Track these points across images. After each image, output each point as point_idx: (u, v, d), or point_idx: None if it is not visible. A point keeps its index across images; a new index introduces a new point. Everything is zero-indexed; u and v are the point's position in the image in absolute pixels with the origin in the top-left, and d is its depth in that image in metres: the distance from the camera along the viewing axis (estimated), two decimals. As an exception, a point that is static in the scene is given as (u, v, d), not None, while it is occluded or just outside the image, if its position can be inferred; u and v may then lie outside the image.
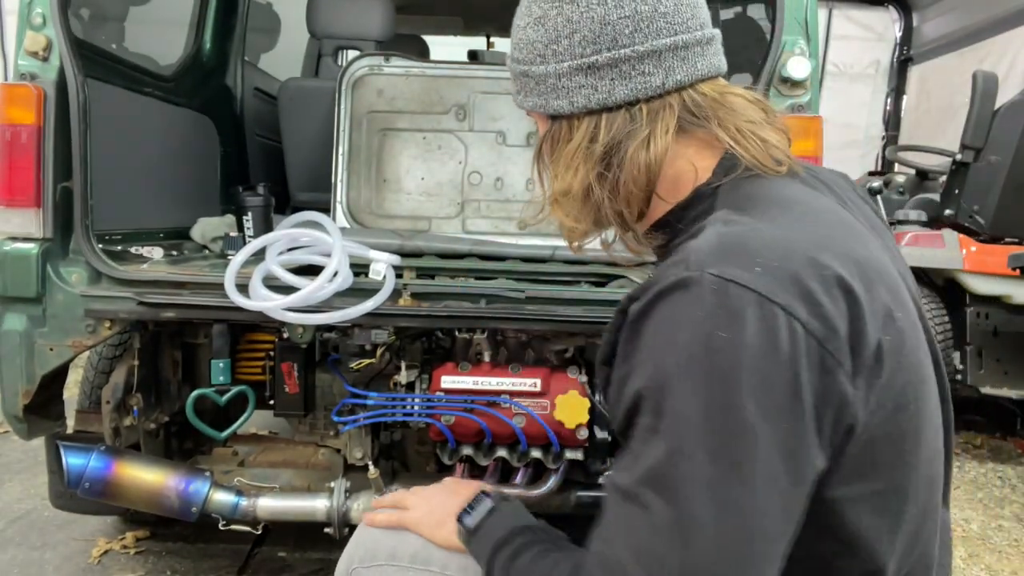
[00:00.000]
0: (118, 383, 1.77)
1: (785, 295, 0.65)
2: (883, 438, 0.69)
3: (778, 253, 0.67)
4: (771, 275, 0.65)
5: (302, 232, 1.59)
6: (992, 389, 3.42)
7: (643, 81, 0.80)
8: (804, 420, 0.64)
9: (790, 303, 0.64)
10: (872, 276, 0.71)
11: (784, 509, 0.65)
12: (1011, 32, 5.28)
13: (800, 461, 0.65)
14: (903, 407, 0.70)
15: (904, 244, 3.64)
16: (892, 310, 0.70)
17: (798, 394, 0.63)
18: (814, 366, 0.64)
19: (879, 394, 0.68)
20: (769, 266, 0.66)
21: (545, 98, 0.84)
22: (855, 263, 0.70)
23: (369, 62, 2.45)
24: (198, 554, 2.19)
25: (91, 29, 2.14)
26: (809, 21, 1.70)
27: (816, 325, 0.65)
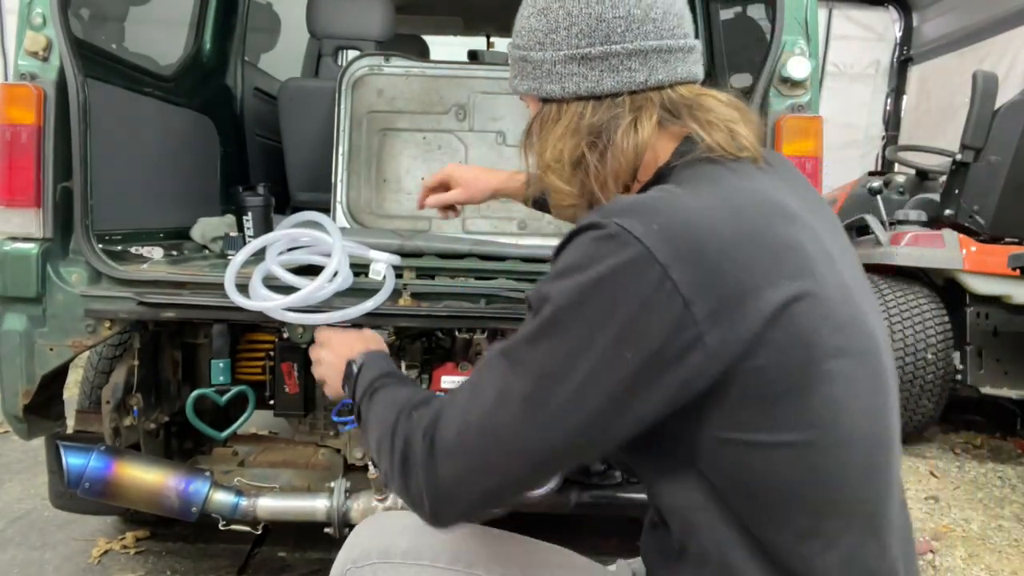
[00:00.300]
0: (118, 383, 1.77)
1: (669, 254, 0.73)
2: (781, 395, 0.76)
3: (680, 218, 0.77)
4: (664, 235, 0.75)
5: (302, 232, 1.59)
6: (992, 389, 3.42)
7: (629, 76, 0.89)
8: (638, 357, 0.74)
9: (670, 263, 0.73)
10: (778, 250, 0.78)
11: (588, 426, 0.77)
12: (1011, 32, 5.28)
13: (621, 390, 0.75)
14: (806, 368, 0.76)
15: (904, 244, 3.64)
16: (797, 294, 0.76)
17: (646, 344, 0.74)
18: (673, 323, 0.73)
19: (760, 356, 0.74)
20: (666, 227, 0.75)
21: (539, 82, 0.94)
22: (761, 235, 0.78)
23: (369, 62, 2.45)
24: (198, 554, 2.19)
25: (91, 29, 2.14)
26: (809, 21, 1.70)
27: (688, 288, 0.73)
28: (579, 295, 0.76)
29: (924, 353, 3.41)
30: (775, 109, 1.69)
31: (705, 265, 0.74)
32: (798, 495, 0.79)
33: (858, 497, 0.81)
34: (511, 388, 0.80)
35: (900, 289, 3.59)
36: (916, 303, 3.51)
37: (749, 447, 0.77)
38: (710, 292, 0.73)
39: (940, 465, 3.41)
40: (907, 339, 3.43)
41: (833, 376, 0.78)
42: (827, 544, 0.79)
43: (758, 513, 0.80)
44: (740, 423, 0.77)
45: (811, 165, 1.66)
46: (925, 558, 2.41)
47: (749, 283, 0.74)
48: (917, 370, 3.41)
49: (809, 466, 0.78)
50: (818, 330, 0.77)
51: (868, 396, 0.82)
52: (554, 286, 0.79)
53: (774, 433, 0.77)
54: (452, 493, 0.84)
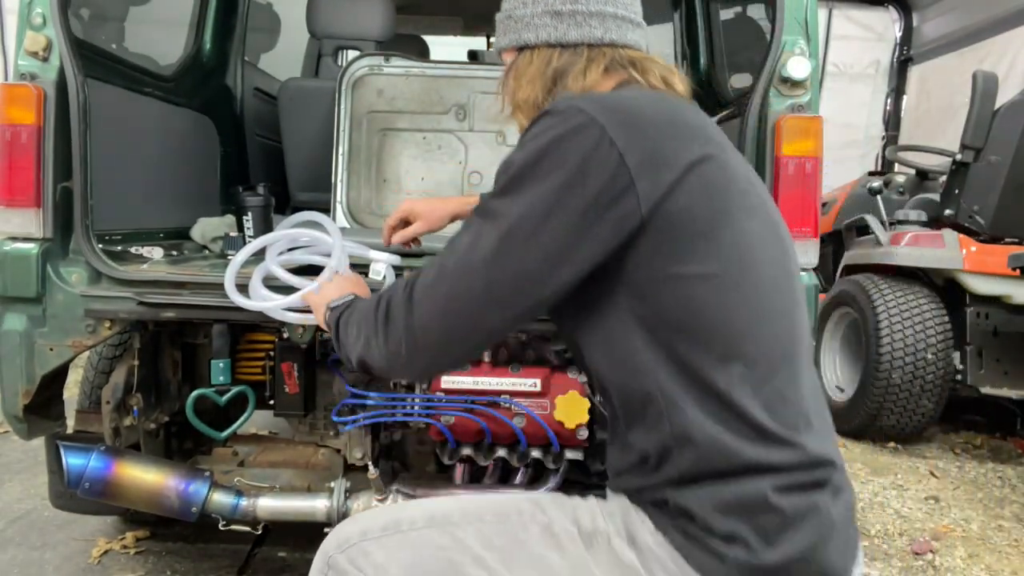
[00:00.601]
0: (118, 383, 1.77)
1: (607, 120, 0.94)
2: (692, 238, 0.94)
3: (615, 100, 1.01)
4: (603, 108, 0.96)
5: (302, 232, 1.59)
6: (992, 389, 3.42)
7: (589, 31, 1.13)
8: (583, 194, 0.93)
9: (608, 125, 0.94)
10: (692, 127, 1.00)
11: (546, 259, 0.95)
12: (1011, 32, 5.28)
13: (574, 221, 0.93)
14: (716, 215, 0.96)
15: (904, 244, 3.64)
16: (707, 156, 0.97)
17: (586, 180, 0.93)
18: (608, 168, 0.93)
19: (679, 202, 0.94)
20: (605, 105, 0.97)
21: (519, 33, 1.17)
22: (679, 116, 1.01)
23: (369, 62, 2.45)
24: (198, 554, 2.19)
25: (91, 29, 2.14)
26: (809, 21, 1.70)
27: (623, 144, 0.93)
28: (536, 155, 0.96)
29: (924, 353, 3.40)
30: (775, 109, 1.69)
31: (635, 130, 0.95)
32: (716, 323, 0.95)
33: (767, 333, 0.98)
34: (482, 232, 0.97)
35: (900, 289, 3.59)
36: (916, 303, 3.51)
37: (673, 280, 0.95)
38: (639, 148, 0.94)
39: (940, 465, 3.41)
40: (907, 339, 3.43)
41: (739, 225, 0.97)
42: (746, 370, 0.94)
43: (685, 343, 0.95)
44: (665, 258, 0.94)
45: (811, 165, 1.66)
46: (925, 558, 2.41)
47: (669, 144, 0.96)
48: (917, 370, 3.41)
49: (722, 298, 0.95)
50: (726, 187, 0.98)
51: (769, 249, 1.01)
52: (517, 155, 0.98)
53: (691, 266, 0.94)
54: (427, 331, 0.99)
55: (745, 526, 0.92)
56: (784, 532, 0.92)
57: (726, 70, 2.65)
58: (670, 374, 0.96)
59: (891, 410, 3.49)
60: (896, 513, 2.80)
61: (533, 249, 0.95)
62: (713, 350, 0.95)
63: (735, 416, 0.94)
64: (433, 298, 0.99)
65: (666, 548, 0.96)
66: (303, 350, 1.80)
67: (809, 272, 1.70)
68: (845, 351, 4.02)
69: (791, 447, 0.95)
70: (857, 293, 3.72)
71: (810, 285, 1.69)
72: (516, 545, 1.03)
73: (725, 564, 0.92)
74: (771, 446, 0.94)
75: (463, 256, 0.98)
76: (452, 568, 1.03)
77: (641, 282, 0.96)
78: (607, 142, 0.93)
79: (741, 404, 0.94)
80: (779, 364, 0.98)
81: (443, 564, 1.04)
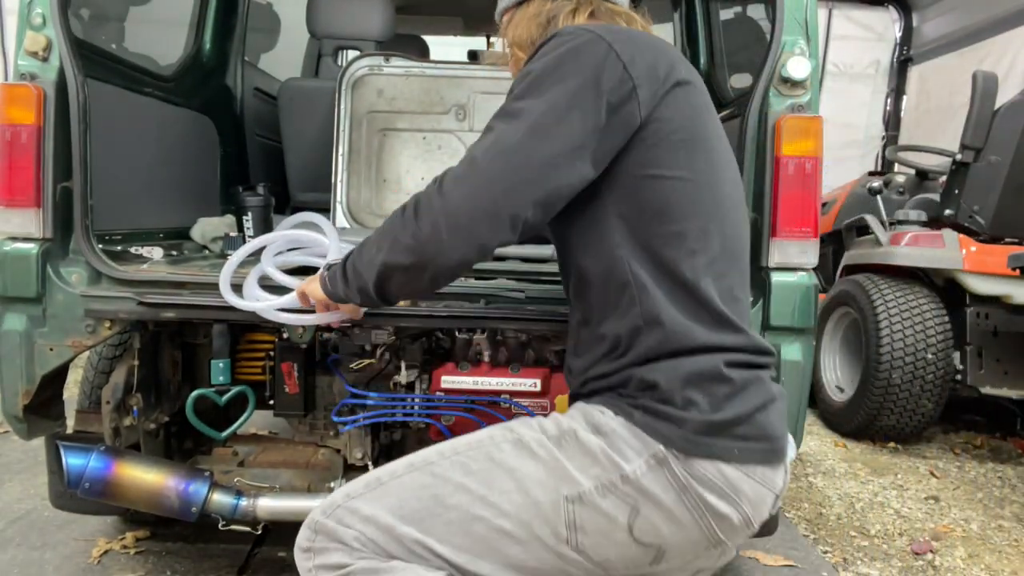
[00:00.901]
0: (118, 383, 1.77)
1: (614, 40, 1.11)
2: (673, 144, 1.12)
3: (617, 29, 1.17)
4: (609, 32, 1.13)
5: (299, 233, 1.59)
6: (992, 389, 3.42)
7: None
8: (599, 96, 1.08)
9: (612, 42, 1.11)
10: (677, 59, 1.17)
11: (572, 148, 1.08)
12: (1011, 32, 5.28)
13: (590, 117, 1.08)
14: (694, 128, 1.14)
15: (904, 244, 3.64)
16: (687, 80, 1.15)
17: (600, 84, 1.08)
18: (616, 75, 1.09)
19: (665, 111, 1.11)
20: (609, 30, 1.14)
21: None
22: (667, 50, 1.18)
23: (369, 62, 2.45)
24: (198, 554, 2.19)
25: (91, 29, 2.14)
26: (809, 21, 1.70)
27: (628, 57, 1.10)
28: (555, 62, 1.10)
29: (924, 353, 3.40)
30: (775, 109, 1.69)
31: (635, 47, 1.12)
32: (687, 219, 1.12)
33: (729, 235, 1.17)
34: (507, 129, 1.09)
35: (900, 289, 3.58)
36: (916, 303, 3.51)
37: (654, 179, 1.12)
38: (639, 62, 1.10)
39: (940, 465, 3.41)
40: (907, 339, 3.43)
41: (712, 144, 1.17)
42: (709, 264, 1.13)
43: (659, 237, 1.12)
44: (651, 161, 1.12)
45: (811, 165, 1.66)
46: (925, 558, 2.41)
47: (661, 63, 1.13)
48: (917, 370, 3.41)
49: (694, 200, 1.13)
50: (704, 110, 1.18)
51: (729, 172, 1.21)
52: (534, 64, 1.13)
53: (672, 170, 1.12)
54: (458, 213, 1.06)
55: (700, 394, 1.08)
56: (733, 398, 1.09)
57: (726, 70, 2.65)
58: (644, 264, 1.12)
59: (891, 410, 3.49)
60: (896, 513, 2.80)
61: (557, 140, 1.07)
62: (683, 244, 1.12)
63: (698, 302, 1.11)
64: (464, 184, 1.07)
65: (628, 427, 1.09)
66: (303, 350, 1.80)
67: (809, 272, 1.70)
68: (845, 351, 4.02)
69: (742, 334, 1.14)
70: (857, 293, 3.72)
71: (809, 285, 1.69)
72: (492, 464, 1.12)
73: (683, 427, 1.07)
74: (725, 331, 1.12)
75: (491, 148, 1.08)
76: (436, 501, 1.10)
77: (627, 182, 1.12)
78: (614, 55, 1.09)
79: (704, 292, 1.11)
80: (734, 265, 1.18)
81: (427, 500, 1.11)
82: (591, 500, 1.08)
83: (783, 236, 1.68)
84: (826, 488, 3.03)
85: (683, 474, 1.07)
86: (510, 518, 1.09)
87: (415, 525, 1.10)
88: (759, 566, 2.26)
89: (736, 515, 1.10)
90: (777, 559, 2.29)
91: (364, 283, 1.19)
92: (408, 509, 1.11)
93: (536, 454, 1.11)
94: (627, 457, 1.08)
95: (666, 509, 1.08)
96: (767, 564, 2.27)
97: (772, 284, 1.68)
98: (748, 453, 1.09)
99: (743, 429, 1.09)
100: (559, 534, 1.09)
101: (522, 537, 1.09)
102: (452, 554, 1.10)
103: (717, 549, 1.13)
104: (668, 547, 1.11)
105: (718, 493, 1.08)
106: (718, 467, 1.08)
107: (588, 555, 1.10)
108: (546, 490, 1.09)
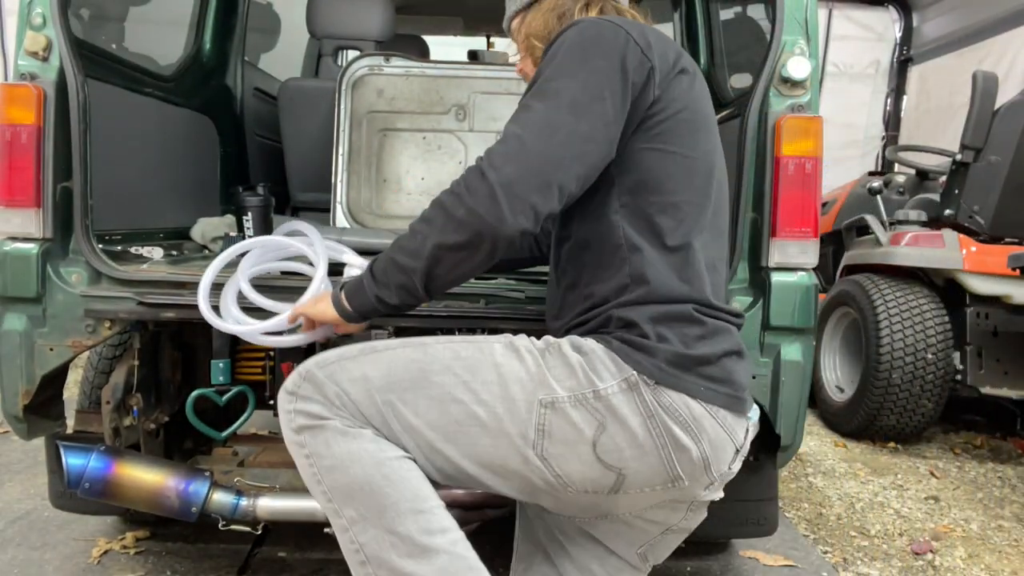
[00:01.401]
0: (118, 383, 1.77)
1: (631, 29, 1.22)
2: (677, 123, 1.23)
3: (630, 22, 1.26)
4: (625, 23, 1.24)
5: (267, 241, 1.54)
6: (992, 389, 3.42)
7: None
8: (625, 77, 1.19)
9: (632, 32, 1.22)
10: (681, 51, 1.29)
11: (604, 123, 1.17)
12: (1011, 32, 5.28)
13: (619, 97, 1.18)
14: (696, 111, 1.26)
15: (904, 244, 3.64)
16: (690, 70, 1.28)
17: (625, 66, 1.19)
18: (637, 58, 1.20)
19: (672, 93, 1.23)
20: (624, 21, 1.25)
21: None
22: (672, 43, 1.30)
23: (369, 62, 2.46)
24: (198, 554, 2.19)
25: (91, 29, 2.14)
26: (809, 21, 1.70)
27: (643, 43, 1.22)
28: (580, 47, 1.19)
29: (924, 353, 3.40)
30: (775, 109, 1.69)
31: (647, 36, 1.23)
32: (682, 188, 1.24)
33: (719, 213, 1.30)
34: (548, 108, 1.15)
35: (900, 289, 3.58)
36: (916, 303, 3.51)
37: (654, 152, 1.22)
38: (653, 48, 1.22)
39: (940, 465, 3.41)
40: (907, 339, 3.43)
41: (711, 131, 1.30)
42: (699, 236, 1.24)
43: (652, 203, 1.22)
44: (655, 137, 1.22)
45: (811, 165, 1.66)
46: (925, 558, 2.41)
47: (670, 52, 1.25)
48: (917, 370, 3.41)
49: (690, 172, 1.25)
50: (705, 95, 1.31)
51: (721, 161, 1.33)
52: (559, 48, 1.21)
53: (674, 146, 1.23)
54: (517, 184, 1.10)
55: (672, 332, 1.18)
56: (703, 339, 1.20)
57: (726, 70, 2.65)
58: (637, 229, 1.22)
59: (891, 410, 3.49)
60: (896, 513, 2.80)
61: (594, 118, 1.16)
62: (676, 214, 1.22)
63: (682, 265, 1.22)
64: (515, 159, 1.12)
65: (606, 351, 1.18)
66: (303, 350, 1.79)
67: (809, 272, 1.70)
68: (845, 351, 4.02)
69: (716, 298, 1.25)
70: (857, 293, 3.72)
71: (809, 285, 1.69)
72: (481, 355, 1.21)
73: (656, 357, 1.16)
74: (704, 290, 1.23)
75: (535, 125, 1.14)
76: (422, 375, 1.19)
77: (631, 155, 1.22)
78: (632, 41, 1.20)
79: (690, 257, 1.22)
80: (718, 239, 1.30)
81: (414, 372, 1.20)
82: (562, 408, 1.15)
83: (783, 236, 1.68)
84: (826, 488, 3.04)
85: (652, 401, 1.16)
86: (486, 407, 1.17)
87: (397, 393, 1.18)
88: (759, 566, 2.26)
89: (696, 450, 1.17)
90: (777, 559, 2.29)
91: (408, 277, 1.20)
92: (395, 377, 1.19)
93: (523, 357, 1.20)
94: (602, 376, 1.16)
95: (631, 431, 1.15)
96: (767, 564, 2.27)
97: (772, 284, 1.68)
98: (713, 394, 1.18)
99: (710, 370, 1.19)
100: (527, 436, 1.16)
101: (493, 428, 1.16)
102: (425, 428, 1.17)
103: (674, 488, 1.20)
104: (628, 473, 1.17)
105: (681, 425, 1.16)
106: (684, 400, 1.16)
107: (551, 464, 1.17)
108: (524, 390, 1.17)
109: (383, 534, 1.15)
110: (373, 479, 1.15)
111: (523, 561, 1.46)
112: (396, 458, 1.17)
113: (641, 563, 1.39)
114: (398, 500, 1.15)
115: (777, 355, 1.68)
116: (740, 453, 1.25)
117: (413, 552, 1.14)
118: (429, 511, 1.16)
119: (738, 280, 1.73)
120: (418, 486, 1.17)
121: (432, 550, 1.14)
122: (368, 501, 1.15)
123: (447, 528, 1.17)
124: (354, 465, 1.16)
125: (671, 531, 1.36)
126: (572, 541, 1.40)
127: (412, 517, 1.15)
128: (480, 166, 1.13)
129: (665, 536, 1.36)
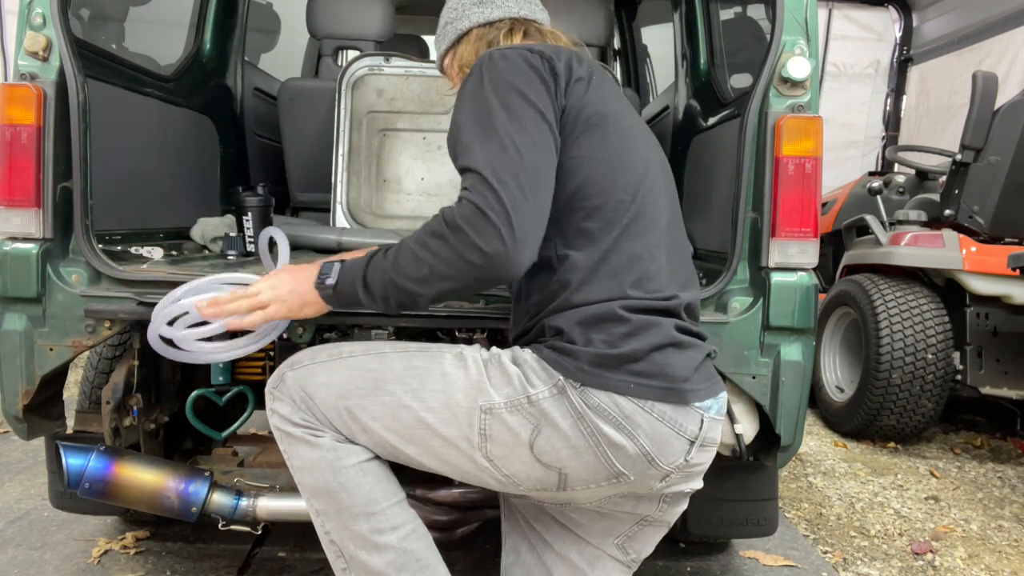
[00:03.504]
0: (118, 383, 1.76)
1: (543, 51, 1.31)
2: (586, 127, 1.30)
3: (538, 44, 1.39)
4: (529, 47, 1.32)
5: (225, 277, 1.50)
6: (992, 389, 3.42)
7: (507, 9, 1.55)
8: (546, 91, 1.28)
9: (540, 51, 1.31)
10: (583, 59, 1.38)
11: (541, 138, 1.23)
12: (1011, 32, 5.28)
13: (547, 110, 1.26)
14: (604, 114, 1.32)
15: (904, 244, 3.64)
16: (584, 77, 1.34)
17: (544, 80, 1.28)
18: (548, 71, 1.30)
19: (581, 99, 1.31)
20: (532, 44, 1.38)
21: (456, 25, 1.59)
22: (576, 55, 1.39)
23: (369, 62, 2.46)
24: (198, 554, 2.19)
25: (91, 29, 2.14)
26: (809, 21, 1.70)
27: (554, 63, 1.31)
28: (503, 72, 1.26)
29: (924, 353, 3.41)
30: (775, 109, 1.69)
31: (552, 52, 1.33)
32: (602, 191, 1.28)
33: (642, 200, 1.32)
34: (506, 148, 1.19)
35: (900, 289, 3.59)
36: (916, 303, 3.51)
37: (572, 161, 1.29)
38: (558, 61, 1.31)
39: (940, 465, 3.41)
40: (907, 339, 3.43)
41: (620, 123, 1.35)
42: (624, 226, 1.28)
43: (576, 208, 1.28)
44: (574, 142, 1.29)
45: (811, 165, 1.66)
46: (925, 558, 2.41)
47: (574, 63, 1.35)
48: (917, 370, 3.41)
49: (605, 169, 1.30)
50: (609, 96, 1.36)
51: (641, 148, 1.38)
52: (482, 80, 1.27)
53: (588, 151, 1.29)
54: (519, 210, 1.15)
55: (598, 333, 1.22)
56: (629, 337, 1.22)
57: (726, 70, 2.65)
58: (565, 238, 1.27)
59: (891, 410, 3.49)
60: (896, 513, 2.80)
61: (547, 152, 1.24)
62: (601, 215, 1.27)
63: (611, 265, 1.26)
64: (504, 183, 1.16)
65: (538, 361, 1.25)
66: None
67: (809, 272, 1.70)
68: (845, 351, 4.02)
69: (644, 290, 1.26)
70: (857, 293, 3.72)
71: (809, 285, 1.69)
72: (432, 365, 1.29)
73: (579, 360, 1.21)
74: (624, 287, 1.25)
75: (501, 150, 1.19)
76: (377, 384, 1.29)
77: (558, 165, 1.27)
78: (548, 64, 1.30)
79: (618, 254, 1.26)
80: (652, 227, 1.32)
81: (370, 382, 1.30)
82: (500, 413, 1.23)
83: (783, 236, 1.68)
84: (826, 488, 3.04)
85: (579, 403, 1.20)
86: (434, 413, 1.26)
87: (355, 400, 1.29)
88: (759, 566, 2.26)
89: (631, 446, 1.21)
90: (777, 559, 2.29)
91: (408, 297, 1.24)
92: (353, 386, 1.30)
93: (468, 367, 1.28)
94: (534, 384, 1.23)
95: (563, 434, 1.21)
96: (767, 564, 2.27)
97: (772, 284, 1.68)
98: (645, 389, 1.21)
99: (639, 366, 1.21)
100: (471, 439, 1.24)
101: (441, 432, 1.26)
102: (382, 431, 1.29)
103: (620, 483, 1.25)
104: (568, 472, 1.24)
105: (612, 423, 1.20)
106: (613, 399, 1.20)
107: (497, 465, 1.25)
108: (467, 396, 1.25)
109: (343, 528, 1.31)
110: (330, 485, 1.30)
111: (511, 553, 1.52)
112: (352, 466, 1.31)
113: (621, 555, 1.42)
114: (351, 505, 1.30)
115: (777, 355, 1.68)
116: (699, 444, 1.26)
117: (367, 546, 1.30)
118: (380, 512, 1.31)
119: (738, 280, 1.73)
120: (370, 492, 1.31)
121: (382, 547, 1.30)
122: (329, 500, 1.32)
123: (397, 526, 1.32)
124: (315, 471, 1.32)
125: (647, 523, 1.38)
126: (550, 531, 1.46)
127: (364, 519, 1.30)
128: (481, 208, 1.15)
129: (642, 528, 1.39)
